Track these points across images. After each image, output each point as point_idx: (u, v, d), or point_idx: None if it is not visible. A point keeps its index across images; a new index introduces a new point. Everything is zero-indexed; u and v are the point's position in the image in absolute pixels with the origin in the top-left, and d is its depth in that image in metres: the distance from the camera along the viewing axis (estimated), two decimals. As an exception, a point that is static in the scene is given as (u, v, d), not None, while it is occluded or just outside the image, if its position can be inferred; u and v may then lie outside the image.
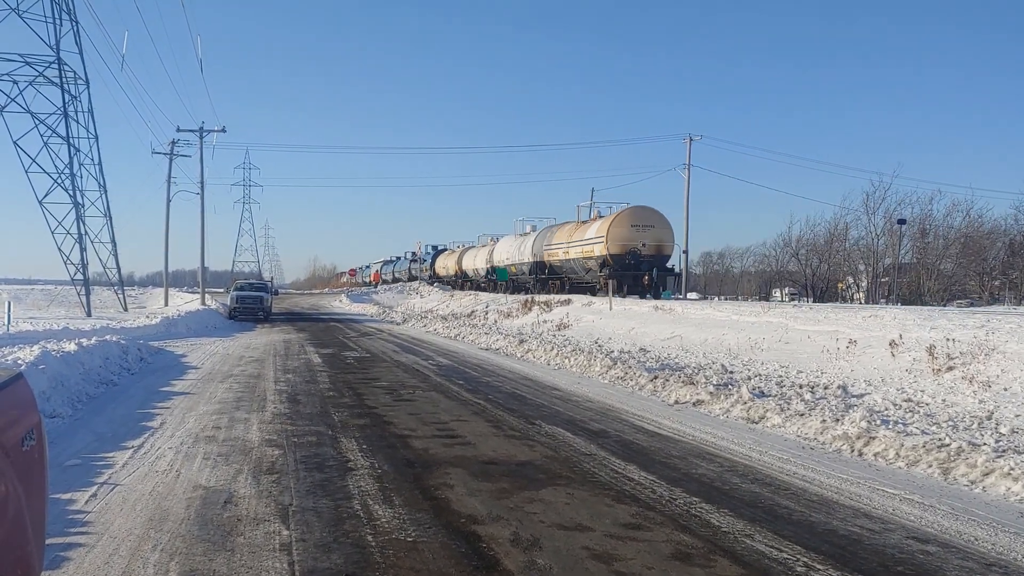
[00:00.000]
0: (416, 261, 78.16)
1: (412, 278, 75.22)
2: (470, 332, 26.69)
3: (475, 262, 55.10)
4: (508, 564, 4.98)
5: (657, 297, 32.13)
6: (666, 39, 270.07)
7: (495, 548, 5.27)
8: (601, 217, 37.93)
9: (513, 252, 46.91)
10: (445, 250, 67.06)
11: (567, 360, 17.44)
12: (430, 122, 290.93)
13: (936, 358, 12.99)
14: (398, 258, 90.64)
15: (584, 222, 39.53)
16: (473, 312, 39.61)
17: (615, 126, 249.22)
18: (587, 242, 36.93)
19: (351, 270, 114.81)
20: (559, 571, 4.87)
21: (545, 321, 29.86)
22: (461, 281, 58.24)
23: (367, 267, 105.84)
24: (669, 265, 36.25)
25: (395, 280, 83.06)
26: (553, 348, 19.30)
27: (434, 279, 63.89)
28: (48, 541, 3.32)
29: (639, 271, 34.27)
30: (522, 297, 38.31)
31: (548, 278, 42.37)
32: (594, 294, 34.05)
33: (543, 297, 35.82)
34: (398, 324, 35.50)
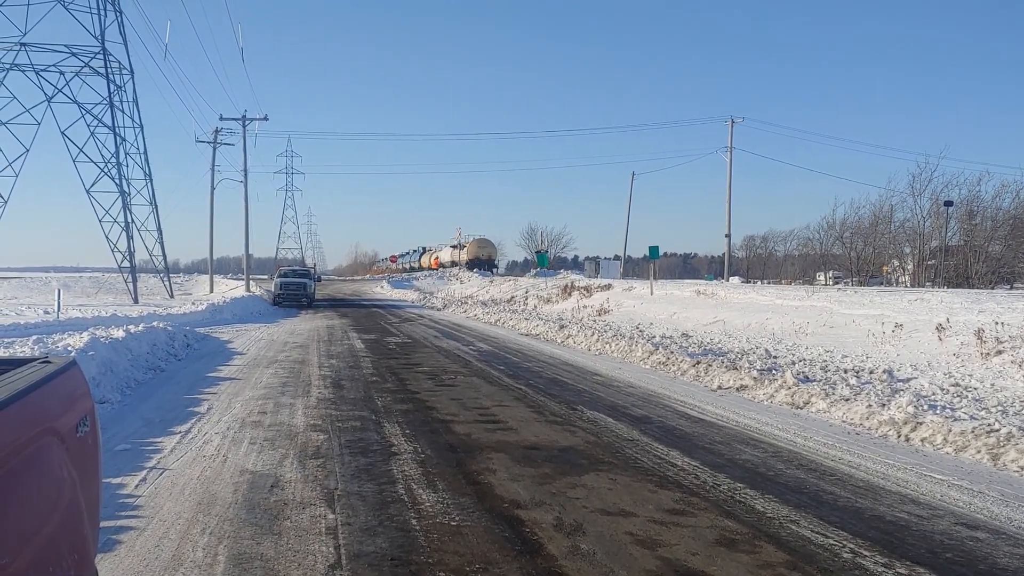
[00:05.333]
0: (457, 247, 79.40)
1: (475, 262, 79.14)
2: (510, 318, 26.72)
3: (434, 259, 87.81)
4: (552, 549, 4.99)
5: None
6: (707, 19, 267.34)
7: (538, 533, 5.29)
8: (471, 241, 76.03)
9: (446, 256, 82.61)
10: (427, 250, 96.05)
11: (608, 346, 17.40)
12: (469, 108, 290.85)
13: (984, 342, 12.76)
14: (427, 248, 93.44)
15: (465, 243, 76.59)
16: (513, 298, 39.66)
17: (655, 109, 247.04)
18: (462, 252, 75.59)
19: (392, 256, 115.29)
20: (603, 556, 4.87)
21: (585, 306, 29.79)
22: (431, 269, 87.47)
23: (406, 253, 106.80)
24: (496, 263, 75.61)
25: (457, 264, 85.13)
26: (594, 334, 19.26)
27: (419, 269, 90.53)
28: (100, 524, 3.38)
29: (479, 265, 71.53)
30: (562, 282, 38.83)
31: (455, 268, 73.83)
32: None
33: (584, 282, 36.90)
34: (438, 310, 35.64)
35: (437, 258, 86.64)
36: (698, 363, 13.50)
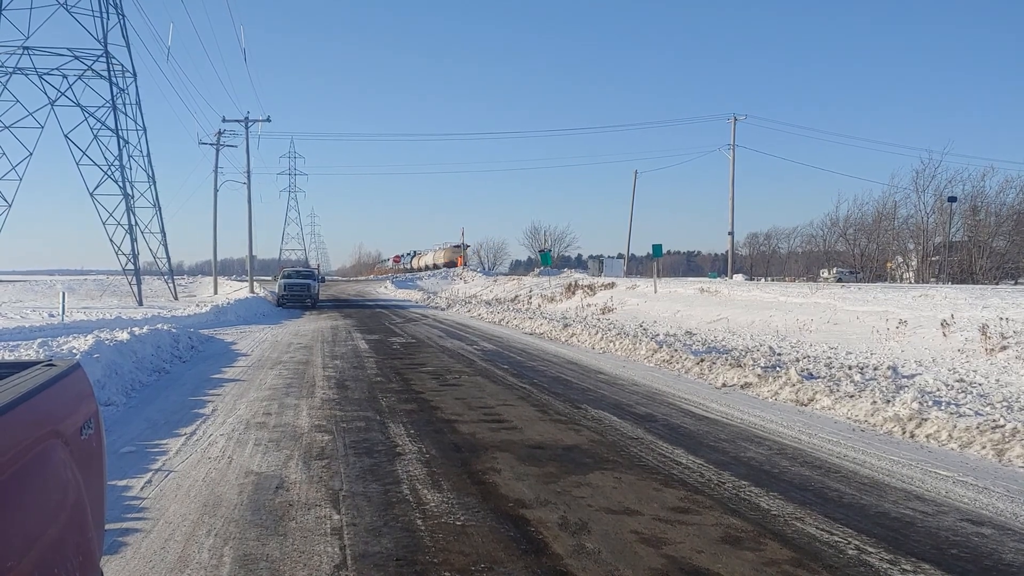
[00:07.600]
0: (459, 247, 79.88)
1: (450, 264, 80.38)
2: (514, 317, 26.72)
3: (421, 261, 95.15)
4: (557, 548, 4.99)
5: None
6: (710, 17, 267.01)
7: (543, 532, 5.29)
8: (446, 247, 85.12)
9: (429, 259, 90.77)
10: (417, 253, 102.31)
11: (612, 344, 17.39)
12: (472, 108, 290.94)
13: (989, 337, 12.75)
14: (417, 252, 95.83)
15: (442, 247, 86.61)
16: (517, 297, 39.66)
17: (658, 108, 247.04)
18: (440, 255, 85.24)
19: (395, 256, 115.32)
20: (608, 555, 4.87)
21: (589, 305, 29.80)
22: (419, 270, 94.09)
23: (405, 255, 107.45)
24: (461, 265, 76.81)
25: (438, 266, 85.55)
26: (598, 332, 19.25)
27: (411, 270, 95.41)
28: (106, 527, 3.39)
29: (451, 266, 76.73)
30: (565, 281, 38.91)
31: (459, 268, 78.53)
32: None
33: (587, 280, 37.00)
34: (443, 310, 35.63)
35: (423, 260, 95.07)
36: (702, 361, 13.49)
